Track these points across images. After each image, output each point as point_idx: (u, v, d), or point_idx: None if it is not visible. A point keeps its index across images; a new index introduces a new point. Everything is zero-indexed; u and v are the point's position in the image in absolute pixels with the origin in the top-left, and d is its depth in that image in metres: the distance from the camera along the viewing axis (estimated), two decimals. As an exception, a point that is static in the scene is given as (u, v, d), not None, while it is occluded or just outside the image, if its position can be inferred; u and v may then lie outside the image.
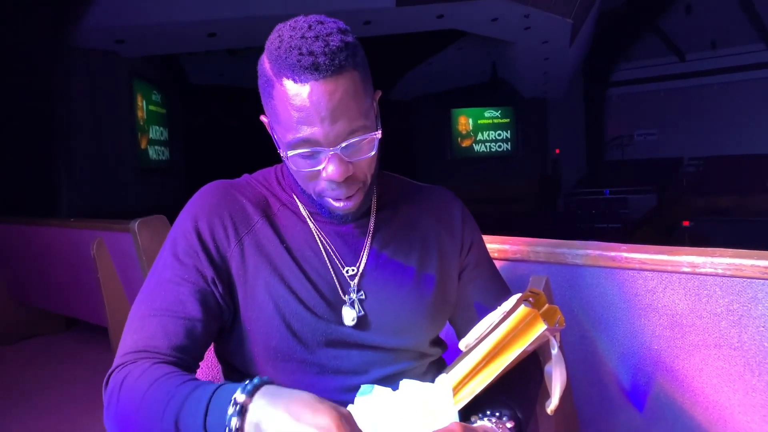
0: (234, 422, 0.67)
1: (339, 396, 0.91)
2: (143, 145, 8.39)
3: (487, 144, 12.57)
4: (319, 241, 0.95)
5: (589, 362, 1.37)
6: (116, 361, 0.84)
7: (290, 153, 0.84)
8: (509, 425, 0.87)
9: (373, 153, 0.86)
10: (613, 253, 1.23)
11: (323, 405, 0.67)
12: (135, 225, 2.33)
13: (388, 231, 1.00)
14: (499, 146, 12.62)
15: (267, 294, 0.91)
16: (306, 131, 0.81)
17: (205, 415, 0.70)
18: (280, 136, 0.85)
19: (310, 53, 0.79)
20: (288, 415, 0.66)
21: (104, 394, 0.82)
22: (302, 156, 0.84)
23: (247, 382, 0.71)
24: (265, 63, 0.84)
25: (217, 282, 0.90)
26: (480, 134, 12.47)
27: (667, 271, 1.17)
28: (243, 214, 0.94)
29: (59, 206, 6.70)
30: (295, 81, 0.80)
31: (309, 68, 0.79)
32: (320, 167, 0.84)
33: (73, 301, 3.44)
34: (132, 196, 7.77)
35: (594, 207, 10.38)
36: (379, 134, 0.86)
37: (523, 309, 0.89)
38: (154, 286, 0.89)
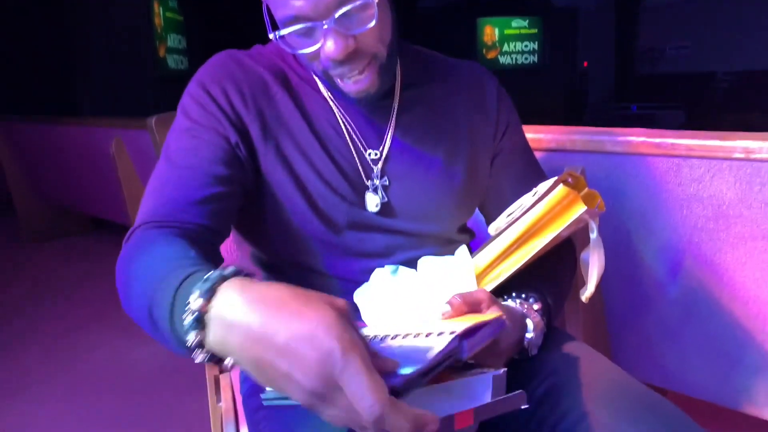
0: (192, 337, 0.51)
1: (363, 277, 0.87)
2: (161, 54, 8.22)
3: (513, 56, 12.12)
4: (341, 121, 0.88)
5: (621, 258, 1.32)
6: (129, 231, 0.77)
7: (282, 32, 0.74)
8: (536, 307, 0.82)
9: (373, 23, 0.74)
10: (657, 140, 1.15)
11: (308, 306, 0.48)
12: (152, 121, 2.25)
13: (415, 112, 0.92)
14: (526, 58, 12.17)
15: (288, 170, 0.85)
16: (293, 6, 0.72)
17: (171, 315, 0.55)
18: (274, 14, 0.75)
19: None
20: (254, 329, 0.48)
21: None
22: (296, 35, 0.74)
23: (207, 276, 0.52)
24: None
25: (240, 145, 0.82)
26: (506, 45, 12.01)
27: (717, 158, 1.09)
28: (262, 84, 0.86)
29: (79, 114, 6.67)
30: None
31: None
32: (318, 45, 0.75)
33: (98, 201, 3.46)
34: (152, 105, 7.70)
35: (620, 122, 10.12)
36: None
37: (562, 188, 0.83)
38: (167, 158, 0.81)
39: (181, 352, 0.55)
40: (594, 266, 0.88)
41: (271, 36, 0.75)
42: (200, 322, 0.51)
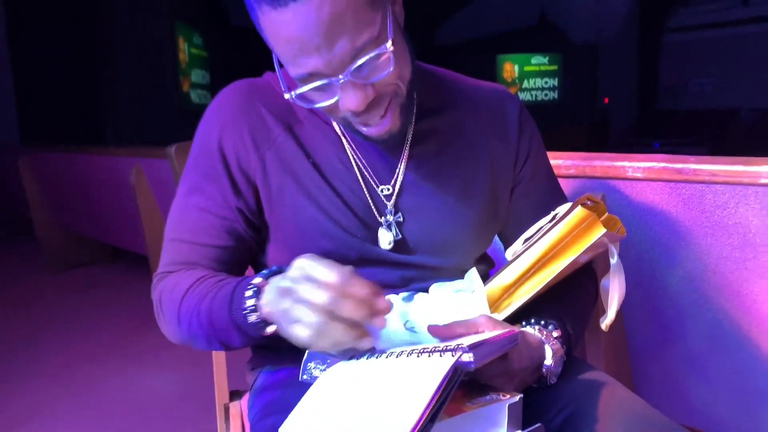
0: (250, 302, 0.69)
1: None
2: (185, 89, 8.38)
3: (533, 92, 12.16)
4: (351, 156, 0.85)
5: (644, 287, 1.28)
6: (154, 278, 0.86)
7: (298, 92, 0.71)
8: (555, 334, 0.78)
9: (391, 69, 0.70)
10: (679, 165, 1.12)
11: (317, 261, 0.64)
12: (172, 150, 2.28)
13: (429, 143, 0.88)
14: (546, 94, 12.21)
15: (294, 215, 0.83)
16: (305, 64, 0.68)
17: (230, 303, 0.71)
18: (288, 72, 0.72)
19: None
20: (285, 277, 0.65)
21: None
22: (313, 90, 0.71)
23: (267, 270, 0.71)
24: None
25: (242, 208, 0.84)
26: (526, 82, 12.08)
27: (742, 184, 1.06)
28: (263, 127, 0.84)
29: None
30: (273, 7, 0.65)
31: None
32: (335, 99, 0.71)
33: (117, 230, 3.49)
34: (175, 139, 7.80)
35: (643, 158, 9.99)
36: (390, 46, 0.69)
37: (580, 210, 0.80)
38: (181, 207, 0.86)
39: (233, 334, 0.73)
40: (614, 292, 0.85)
41: (287, 96, 0.72)
42: (258, 293, 0.68)
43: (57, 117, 6.72)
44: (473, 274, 0.84)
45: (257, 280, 0.69)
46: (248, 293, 0.69)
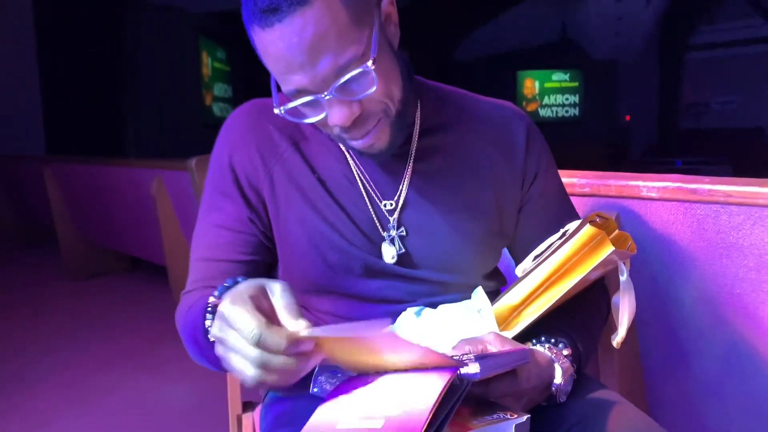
0: (208, 322, 0.70)
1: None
2: (208, 102, 8.51)
3: (554, 108, 12.13)
4: (355, 171, 0.87)
5: (658, 307, 1.27)
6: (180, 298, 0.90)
7: (287, 106, 0.74)
8: (565, 352, 0.79)
9: (374, 87, 0.72)
10: (694, 186, 1.11)
11: (237, 296, 0.60)
12: (192, 163, 2.33)
13: (433, 159, 0.89)
14: (566, 111, 12.17)
15: (300, 227, 0.85)
16: (292, 81, 0.71)
17: (202, 320, 0.72)
18: (281, 88, 0.76)
19: None
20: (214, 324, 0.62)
21: None
22: (302, 106, 0.74)
23: (225, 283, 0.71)
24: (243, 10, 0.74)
25: (255, 221, 0.87)
26: (546, 98, 12.05)
27: (758, 205, 1.05)
28: (270, 143, 0.87)
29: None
30: (262, 27, 0.69)
31: (268, 10, 0.67)
32: (323, 115, 0.74)
33: (137, 241, 3.53)
34: (197, 152, 7.90)
35: (664, 177, 9.89)
36: (371, 65, 0.70)
37: (589, 228, 0.81)
38: (200, 228, 0.90)
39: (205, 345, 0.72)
40: (624, 310, 0.85)
41: (276, 111, 0.75)
42: (213, 311, 0.69)
43: (82, 129, 6.84)
44: (479, 292, 0.84)
45: (211, 299, 0.71)
46: (208, 315, 0.71)
